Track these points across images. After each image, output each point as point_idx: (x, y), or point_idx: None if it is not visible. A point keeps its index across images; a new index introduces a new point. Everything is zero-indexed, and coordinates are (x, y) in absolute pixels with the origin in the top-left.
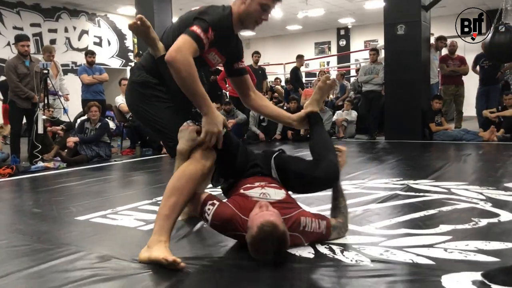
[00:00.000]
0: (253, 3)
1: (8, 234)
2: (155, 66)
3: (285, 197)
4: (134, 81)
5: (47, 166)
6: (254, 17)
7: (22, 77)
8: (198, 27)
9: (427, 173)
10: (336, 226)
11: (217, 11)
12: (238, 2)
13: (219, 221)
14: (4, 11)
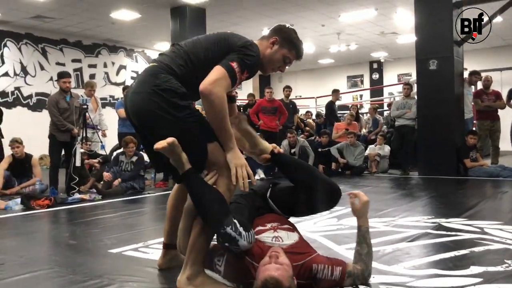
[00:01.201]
0: (278, 53)
1: (46, 265)
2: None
3: (298, 240)
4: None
5: (83, 198)
6: (274, 65)
7: (63, 111)
8: (238, 65)
9: (460, 211)
10: (353, 273)
11: (256, 53)
12: (265, 44)
13: (232, 270)
14: (48, 48)
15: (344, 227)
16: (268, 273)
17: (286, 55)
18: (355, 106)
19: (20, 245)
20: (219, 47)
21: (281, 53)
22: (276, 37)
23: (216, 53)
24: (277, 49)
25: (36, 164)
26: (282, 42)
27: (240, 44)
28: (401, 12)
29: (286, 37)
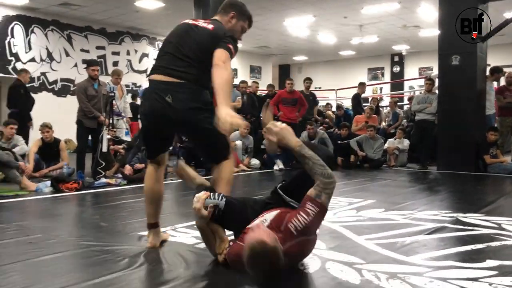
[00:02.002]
0: (237, 25)
1: (80, 245)
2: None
3: (278, 212)
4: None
5: (109, 183)
6: (237, 36)
7: (91, 98)
8: (232, 46)
9: (478, 207)
10: (320, 192)
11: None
12: (225, 19)
13: (232, 257)
14: (73, 34)
15: (363, 218)
16: (254, 237)
17: (243, 26)
18: (375, 99)
19: (54, 226)
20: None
21: (240, 25)
22: (234, 12)
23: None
24: (235, 22)
25: (64, 148)
26: (239, 15)
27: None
28: (424, 6)
29: (240, 10)
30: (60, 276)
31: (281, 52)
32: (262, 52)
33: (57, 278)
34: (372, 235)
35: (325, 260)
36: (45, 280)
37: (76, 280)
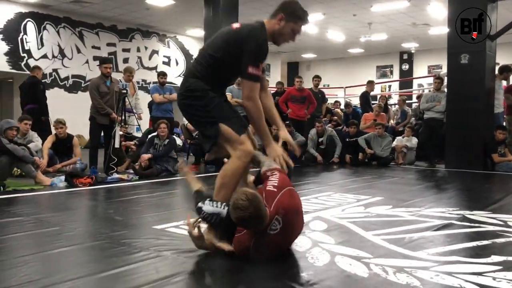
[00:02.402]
0: (286, 27)
1: (97, 238)
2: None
3: None
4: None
5: (121, 178)
6: (285, 38)
7: (103, 95)
8: (251, 67)
9: (484, 205)
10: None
11: (259, 36)
12: (273, 20)
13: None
14: (85, 31)
15: (371, 214)
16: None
17: (293, 27)
18: (383, 97)
19: (71, 219)
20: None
21: (289, 27)
22: (282, 13)
23: (231, 56)
24: (284, 24)
25: (77, 144)
26: (288, 17)
27: (244, 37)
28: (434, 4)
29: (290, 11)
30: (79, 266)
31: (290, 50)
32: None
33: (76, 268)
34: (380, 231)
35: (334, 254)
36: (65, 270)
37: (95, 270)
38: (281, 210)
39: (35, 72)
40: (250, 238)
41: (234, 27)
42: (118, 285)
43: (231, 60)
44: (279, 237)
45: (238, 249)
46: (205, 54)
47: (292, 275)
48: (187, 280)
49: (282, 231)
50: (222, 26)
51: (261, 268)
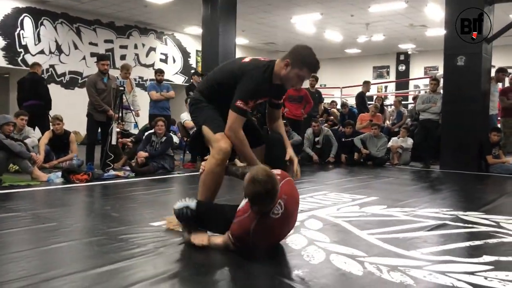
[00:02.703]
0: (291, 73)
1: (94, 234)
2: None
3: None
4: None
5: (118, 175)
6: (291, 83)
7: (100, 92)
8: (241, 101)
9: (478, 206)
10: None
11: (257, 77)
12: (281, 64)
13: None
14: (82, 28)
15: (365, 214)
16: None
17: (298, 73)
18: (380, 97)
19: (68, 215)
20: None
21: (294, 73)
22: (288, 59)
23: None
24: (289, 70)
25: (73, 140)
26: (293, 63)
27: (241, 73)
28: (431, 6)
29: (296, 58)
30: (77, 261)
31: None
32: (268, 49)
33: (74, 263)
34: (375, 230)
35: (329, 253)
36: (63, 265)
37: (92, 265)
38: (284, 195)
39: (35, 68)
40: (251, 221)
41: (244, 60)
42: (116, 280)
43: (232, 91)
44: (279, 222)
45: (238, 232)
46: (213, 78)
47: (287, 272)
48: (185, 276)
49: (282, 216)
50: (220, 24)
51: (257, 265)
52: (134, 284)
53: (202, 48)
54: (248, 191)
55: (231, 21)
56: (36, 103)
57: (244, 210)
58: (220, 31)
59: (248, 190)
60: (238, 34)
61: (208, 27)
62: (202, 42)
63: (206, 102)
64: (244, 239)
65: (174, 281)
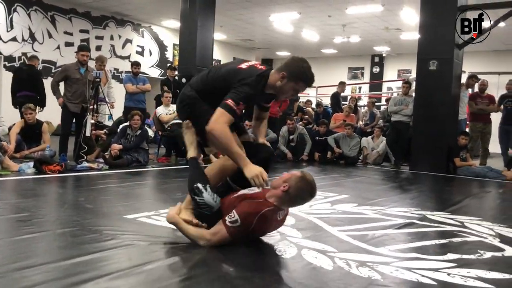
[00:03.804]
0: (287, 86)
1: (69, 224)
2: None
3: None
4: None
5: (91, 167)
6: (285, 95)
7: (74, 82)
8: (232, 101)
9: (444, 206)
10: None
11: (252, 84)
12: (277, 75)
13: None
14: (57, 16)
15: (337, 211)
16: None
17: (294, 87)
18: (354, 98)
19: (40, 205)
20: (227, 82)
21: (290, 86)
22: (284, 72)
23: (224, 87)
24: (285, 82)
25: (46, 130)
26: (290, 76)
27: (237, 79)
28: (407, 10)
29: (293, 71)
30: (50, 252)
31: (265, 47)
32: (246, 45)
33: (47, 253)
34: (345, 227)
35: (301, 248)
36: (35, 255)
37: (66, 256)
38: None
39: (34, 61)
40: (263, 207)
41: (240, 66)
42: (90, 271)
43: (226, 91)
44: (276, 223)
45: (246, 211)
46: (210, 79)
47: (260, 266)
48: (160, 268)
49: (278, 221)
50: (198, 18)
51: (231, 259)
52: (109, 275)
53: (179, 42)
54: (295, 188)
55: (210, 16)
56: (30, 94)
57: (259, 196)
58: (198, 26)
59: (295, 186)
60: (216, 30)
61: (186, 21)
62: (180, 36)
63: (202, 101)
64: (246, 220)
65: (148, 272)
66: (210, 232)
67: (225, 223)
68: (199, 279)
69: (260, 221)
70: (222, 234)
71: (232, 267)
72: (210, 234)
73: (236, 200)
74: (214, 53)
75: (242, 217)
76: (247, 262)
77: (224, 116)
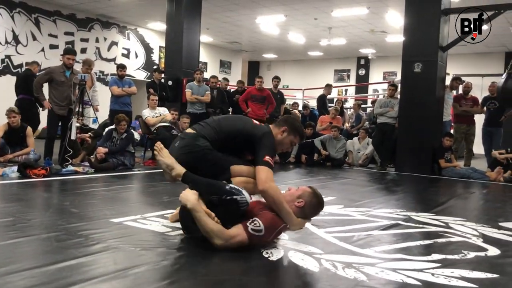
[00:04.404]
0: (287, 139)
1: (53, 229)
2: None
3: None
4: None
5: (77, 170)
6: (283, 147)
7: (59, 84)
8: (269, 156)
9: (429, 207)
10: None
11: (272, 139)
12: (276, 130)
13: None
14: (41, 18)
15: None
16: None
17: (292, 140)
18: (340, 100)
19: (25, 210)
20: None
21: (289, 139)
22: (285, 126)
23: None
24: (286, 135)
25: (30, 134)
26: (290, 130)
27: (260, 135)
28: (392, 13)
29: (293, 127)
30: (35, 257)
31: (252, 49)
32: (232, 48)
33: (33, 258)
34: (331, 229)
35: (288, 250)
36: (20, 260)
37: (51, 261)
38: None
39: (32, 66)
40: (280, 224)
41: (255, 122)
42: (75, 276)
43: (240, 145)
44: (278, 234)
45: (271, 224)
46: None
47: (246, 269)
48: (146, 272)
49: (279, 232)
50: (184, 21)
51: (217, 261)
52: (94, 279)
53: (165, 44)
54: (310, 204)
55: (196, 19)
56: (26, 97)
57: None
58: (185, 28)
59: (310, 203)
60: (202, 32)
61: (172, 23)
62: (166, 38)
63: (216, 151)
64: (268, 231)
65: (134, 276)
66: (229, 232)
67: (246, 229)
68: (185, 282)
69: (276, 235)
70: (242, 238)
71: (219, 270)
72: (229, 235)
73: (256, 207)
74: (201, 56)
75: (267, 228)
76: (234, 265)
77: (269, 174)
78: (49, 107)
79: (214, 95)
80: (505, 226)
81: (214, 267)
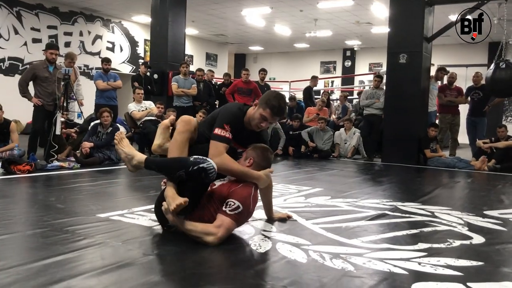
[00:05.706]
0: (256, 112)
1: (39, 225)
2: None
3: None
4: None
5: (62, 166)
6: (254, 122)
7: (43, 80)
8: (217, 127)
9: (415, 197)
10: None
11: (231, 108)
12: (253, 106)
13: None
14: (23, 12)
15: (311, 204)
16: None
17: (262, 113)
18: (326, 92)
19: (9, 206)
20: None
21: (258, 112)
22: (258, 101)
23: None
24: (256, 109)
25: (14, 129)
26: (260, 103)
27: (218, 111)
28: (377, 4)
29: (264, 99)
30: (21, 253)
31: (238, 41)
32: (218, 40)
33: (18, 255)
34: (319, 220)
35: (276, 241)
36: (5, 257)
37: (37, 257)
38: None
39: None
40: (251, 187)
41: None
42: (62, 272)
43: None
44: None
45: (242, 195)
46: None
47: (235, 261)
48: (134, 267)
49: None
50: (169, 13)
51: (206, 255)
52: (82, 275)
53: (150, 38)
54: (256, 155)
55: (181, 11)
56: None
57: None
58: (170, 21)
59: (256, 154)
60: (188, 25)
61: (157, 16)
62: (151, 31)
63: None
64: (246, 203)
65: (122, 271)
66: (214, 225)
67: (225, 213)
68: (173, 276)
69: (253, 201)
70: (227, 224)
71: (207, 263)
72: (214, 227)
73: (223, 190)
74: (186, 48)
75: (242, 201)
76: (222, 258)
77: (218, 147)
78: (38, 103)
79: (200, 88)
80: (489, 214)
81: (203, 260)
